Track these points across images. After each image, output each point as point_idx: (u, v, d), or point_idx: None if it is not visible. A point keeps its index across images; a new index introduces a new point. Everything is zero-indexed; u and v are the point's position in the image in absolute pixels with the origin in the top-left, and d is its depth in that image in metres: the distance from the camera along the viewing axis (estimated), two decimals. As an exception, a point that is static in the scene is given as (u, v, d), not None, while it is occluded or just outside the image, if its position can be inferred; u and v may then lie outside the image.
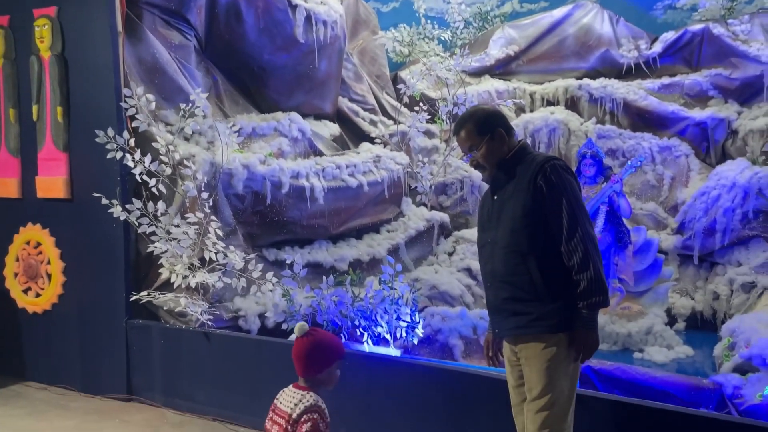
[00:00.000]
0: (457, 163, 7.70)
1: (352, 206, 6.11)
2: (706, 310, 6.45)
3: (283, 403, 2.37)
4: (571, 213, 2.49)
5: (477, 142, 2.66)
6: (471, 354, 4.63)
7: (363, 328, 4.56)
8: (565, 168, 2.57)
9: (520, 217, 2.54)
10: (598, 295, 2.46)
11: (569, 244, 2.48)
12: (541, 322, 2.51)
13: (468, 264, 6.41)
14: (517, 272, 2.56)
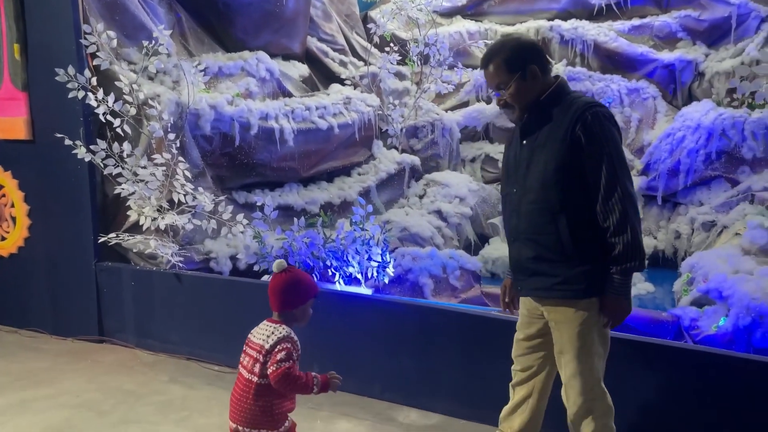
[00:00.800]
0: (428, 105, 7.67)
1: (322, 149, 6.06)
2: (667, 249, 6.67)
3: (256, 336, 2.41)
4: (611, 170, 2.23)
5: (506, 80, 2.37)
6: (440, 292, 4.73)
7: (335, 268, 4.60)
8: (608, 117, 2.29)
9: (553, 170, 2.30)
10: (634, 260, 2.24)
11: (606, 204, 2.24)
12: (566, 286, 2.32)
13: (438, 206, 6.47)
14: (544, 231, 2.34)
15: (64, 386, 3.90)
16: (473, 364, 3.47)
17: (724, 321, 3.90)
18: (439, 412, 3.55)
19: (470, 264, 4.95)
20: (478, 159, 7.97)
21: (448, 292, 4.74)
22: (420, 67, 7.79)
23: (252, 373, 2.32)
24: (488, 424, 3.38)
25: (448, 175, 6.99)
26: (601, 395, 2.42)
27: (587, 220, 2.29)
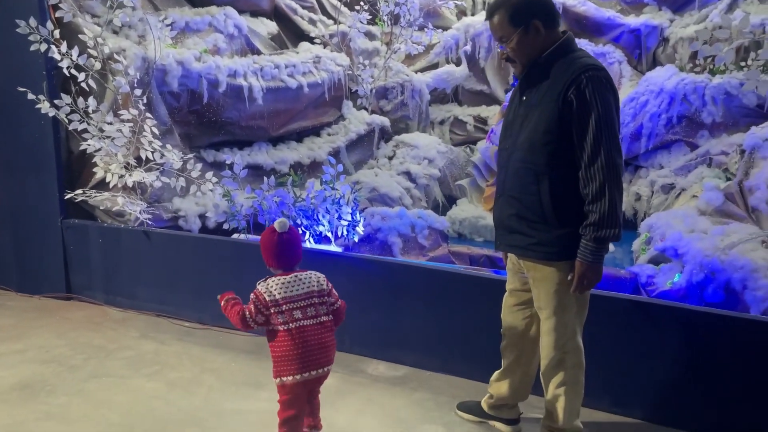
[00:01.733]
0: (398, 66, 7.65)
1: (291, 108, 6.03)
2: (628, 210, 6.86)
3: (307, 285, 2.47)
4: (597, 136, 2.18)
5: (508, 34, 2.32)
6: (409, 251, 4.82)
7: (305, 227, 4.64)
8: (605, 81, 2.21)
9: (542, 132, 2.27)
10: (609, 228, 2.21)
11: (588, 171, 2.21)
12: (541, 247, 2.36)
13: (407, 168, 6.53)
14: (527, 191, 2.35)
15: (33, 342, 3.90)
16: (440, 318, 3.57)
17: (678, 277, 4.08)
18: (406, 364, 3.65)
19: (438, 224, 5.04)
20: (446, 121, 8.01)
21: (417, 250, 4.83)
22: (390, 27, 7.74)
23: (325, 315, 2.48)
24: (453, 375, 3.52)
25: (417, 137, 7.03)
26: (574, 350, 2.49)
27: (570, 185, 2.27)
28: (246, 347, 3.89)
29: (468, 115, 8.00)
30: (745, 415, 2.86)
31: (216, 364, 3.64)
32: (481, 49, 8.12)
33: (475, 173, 7.09)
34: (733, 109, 6.26)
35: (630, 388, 3.08)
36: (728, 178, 5.84)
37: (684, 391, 2.96)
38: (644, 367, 3.03)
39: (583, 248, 2.27)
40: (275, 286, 2.42)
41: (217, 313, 4.17)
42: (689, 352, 2.93)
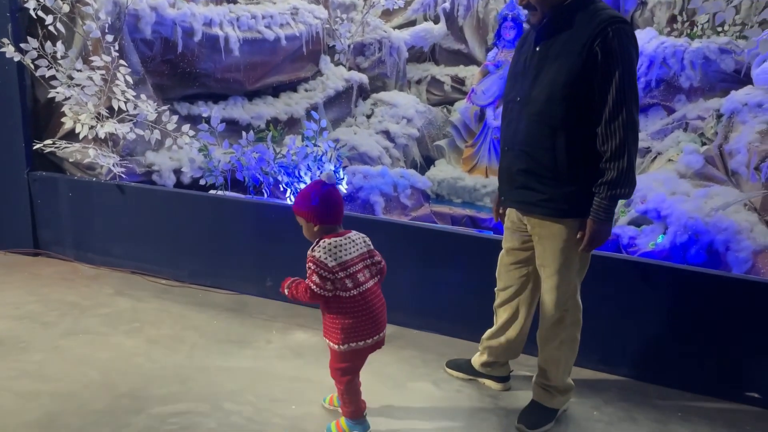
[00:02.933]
0: (376, 22, 7.45)
1: (268, 61, 5.82)
2: (604, 174, 6.89)
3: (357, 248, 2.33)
4: (621, 92, 2.11)
5: None
6: (391, 210, 4.76)
7: (286, 184, 4.52)
8: (630, 35, 2.14)
9: (563, 85, 2.18)
10: (625, 187, 2.17)
11: (608, 127, 2.14)
12: (552, 204, 2.29)
13: (386, 126, 6.41)
14: (540, 145, 2.26)
15: (2, 298, 3.73)
16: (427, 277, 3.54)
17: (662, 239, 4.12)
18: (394, 323, 3.61)
19: (420, 183, 4.98)
20: (423, 81, 7.88)
21: (399, 210, 4.77)
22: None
23: (377, 275, 2.39)
24: (441, 334, 3.51)
25: (395, 95, 6.90)
26: (573, 307, 2.48)
27: (586, 141, 2.20)
28: (227, 305, 3.81)
29: (445, 75, 7.88)
30: (727, 371, 2.92)
31: (197, 322, 3.55)
32: (460, 6, 7.97)
33: (453, 134, 7.02)
34: (710, 74, 6.30)
35: (617, 346, 3.11)
36: (703, 143, 5.91)
37: (669, 348, 3.01)
38: (630, 325, 3.05)
39: (597, 206, 2.21)
40: (333, 250, 2.24)
41: (195, 269, 4.09)
42: (675, 310, 2.96)
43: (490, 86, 6.52)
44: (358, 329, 2.30)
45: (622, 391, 2.99)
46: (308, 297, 2.26)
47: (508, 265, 2.67)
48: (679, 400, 2.93)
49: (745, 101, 4.95)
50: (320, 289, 2.23)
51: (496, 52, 6.74)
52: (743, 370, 2.89)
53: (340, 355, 2.35)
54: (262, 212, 3.89)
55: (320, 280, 2.22)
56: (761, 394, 2.87)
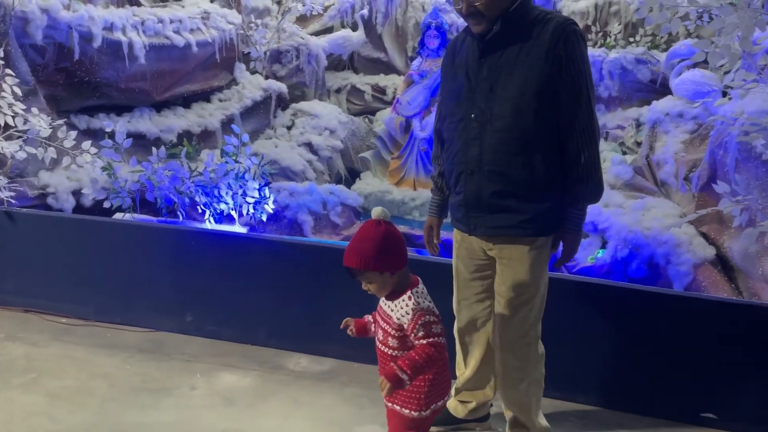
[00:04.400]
0: (292, 28, 7.14)
1: (178, 69, 5.40)
2: (529, 184, 6.92)
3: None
4: (588, 98, 2.00)
5: None
6: (321, 230, 4.47)
7: (204, 205, 4.13)
8: (584, 38, 2.07)
9: (532, 94, 2.01)
10: (598, 196, 2.11)
11: (581, 137, 2.02)
12: (532, 224, 2.10)
13: (308, 138, 6.12)
14: (514, 163, 2.06)
15: None
16: (367, 303, 3.27)
17: (602, 253, 4.08)
18: (332, 357, 3.33)
19: (351, 200, 4.73)
20: (343, 90, 7.64)
21: (329, 229, 4.49)
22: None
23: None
24: (385, 366, 3.25)
25: (316, 106, 6.62)
26: (536, 339, 2.28)
27: (557, 152, 2.07)
28: (141, 345, 3.38)
29: (366, 84, 7.67)
30: (682, 393, 2.85)
31: (106, 368, 3.10)
32: (378, 14, 7.78)
33: (379, 145, 6.81)
34: (627, 84, 6.45)
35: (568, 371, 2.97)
36: (624, 152, 6.01)
37: (622, 372, 2.90)
38: (580, 348, 2.93)
39: (574, 218, 2.12)
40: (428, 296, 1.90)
41: (102, 305, 3.62)
42: (626, 331, 2.87)
43: (415, 96, 6.37)
44: (442, 384, 1.91)
45: (579, 420, 2.84)
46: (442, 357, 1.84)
47: (469, 298, 2.40)
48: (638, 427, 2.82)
49: (666, 111, 5.05)
50: (443, 337, 1.83)
51: (420, 61, 6.61)
52: (698, 391, 2.82)
53: (416, 421, 1.92)
54: (180, 238, 3.51)
55: (441, 330, 1.83)
56: (717, 414, 2.81)
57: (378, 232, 1.84)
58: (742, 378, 2.73)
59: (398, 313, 1.88)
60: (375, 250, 1.82)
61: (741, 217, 3.45)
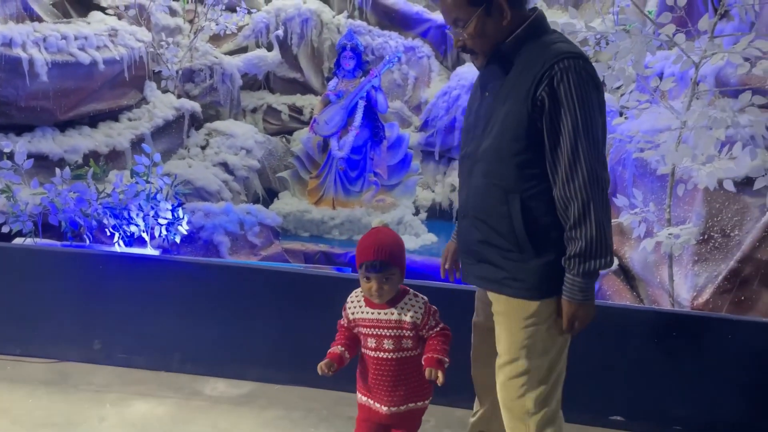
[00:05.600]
0: (205, 47, 7.02)
1: (84, 87, 5.18)
2: (444, 201, 7.10)
3: None
4: (575, 145, 1.70)
5: (465, 16, 1.80)
6: (238, 251, 4.38)
7: (113, 227, 3.96)
8: (585, 73, 1.71)
9: (510, 140, 1.78)
10: (599, 258, 1.74)
11: (566, 189, 1.74)
12: (516, 283, 1.85)
13: (224, 158, 6.01)
14: (495, 212, 1.84)
15: None
16: (284, 324, 3.24)
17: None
18: (250, 380, 3.25)
19: (269, 219, 4.68)
20: (259, 109, 7.57)
21: (247, 249, 4.41)
22: (194, 4, 7.07)
23: None
24: (306, 386, 3.21)
25: (232, 125, 6.52)
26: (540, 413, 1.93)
27: (548, 203, 1.81)
28: (44, 377, 3.18)
29: (282, 104, 7.64)
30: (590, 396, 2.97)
31: (6, 403, 2.90)
32: (294, 35, 7.79)
33: (297, 164, 6.77)
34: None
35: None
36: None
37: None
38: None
39: (569, 285, 1.78)
40: None
41: (1, 336, 3.38)
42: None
43: (332, 116, 6.40)
44: None
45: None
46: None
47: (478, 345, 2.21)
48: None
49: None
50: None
51: (336, 81, 6.66)
52: (605, 394, 2.95)
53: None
54: (86, 262, 3.34)
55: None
56: (624, 416, 2.95)
57: (395, 235, 2.02)
58: (643, 379, 2.89)
59: (410, 313, 2.00)
60: (401, 248, 1.99)
61: (639, 229, 3.68)
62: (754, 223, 3.35)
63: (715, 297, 3.36)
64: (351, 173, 6.41)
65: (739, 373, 2.87)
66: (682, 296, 3.49)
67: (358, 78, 6.49)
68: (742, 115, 2.99)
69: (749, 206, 3.41)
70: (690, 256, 3.54)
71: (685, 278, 3.54)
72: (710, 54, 3.11)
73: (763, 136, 3.04)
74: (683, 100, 3.30)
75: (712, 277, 3.43)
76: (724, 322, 2.91)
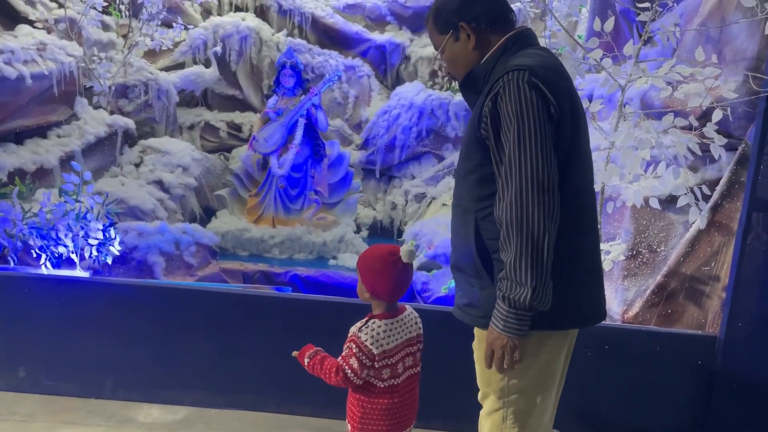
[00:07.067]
0: (140, 63, 6.84)
1: (10, 102, 4.94)
2: (385, 219, 7.12)
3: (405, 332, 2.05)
4: (509, 158, 1.60)
5: (438, 42, 1.86)
6: (174, 271, 4.25)
7: (40, 248, 3.78)
8: (526, 84, 1.60)
9: (463, 159, 1.79)
10: (519, 287, 1.58)
11: (497, 206, 1.64)
12: (472, 309, 1.79)
13: (159, 176, 5.83)
14: (458, 234, 1.81)
15: None
16: (222, 346, 3.16)
17: (454, 283, 4.26)
18: (186, 404, 3.16)
19: (206, 239, 4.56)
20: (196, 126, 7.41)
21: (183, 270, 4.29)
22: (128, 19, 6.90)
23: (419, 364, 2.14)
24: (244, 410, 3.13)
25: (167, 142, 6.34)
26: None
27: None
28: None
29: (220, 121, 7.51)
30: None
31: None
32: (232, 51, 7.69)
33: (235, 182, 6.65)
34: (471, 125, 6.89)
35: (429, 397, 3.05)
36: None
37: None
38: (441, 375, 3.03)
39: (495, 310, 1.66)
40: (382, 333, 1.98)
41: None
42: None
43: (272, 133, 6.33)
44: (381, 422, 2.01)
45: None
46: (336, 380, 1.99)
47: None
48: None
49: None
50: (356, 376, 1.97)
51: (276, 99, 6.60)
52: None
53: None
54: (9, 285, 3.18)
55: (359, 366, 1.96)
56: (558, 428, 3.01)
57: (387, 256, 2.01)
58: (578, 390, 2.96)
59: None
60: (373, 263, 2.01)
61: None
62: (678, 239, 3.51)
63: (643, 310, 3.49)
64: (291, 191, 6.35)
65: (667, 383, 2.99)
66: (614, 310, 3.60)
67: (298, 96, 6.47)
68: (665, 136, 3.13)
69: (674, 223, 3.57)
70: (620, 271, 3.67)
71: (615, 293, 3.66)
72: (635, 78, 3.26)
73: (684, 156, 3.19)
74: (611, 122, 3.44)
75: (640, 291, 3.56)
76: (652, 334, 3.03)
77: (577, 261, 1.76)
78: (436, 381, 3.02)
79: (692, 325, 3.31)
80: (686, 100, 3.21)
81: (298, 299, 3.24)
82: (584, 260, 1.80)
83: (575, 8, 3.58)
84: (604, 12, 3.94)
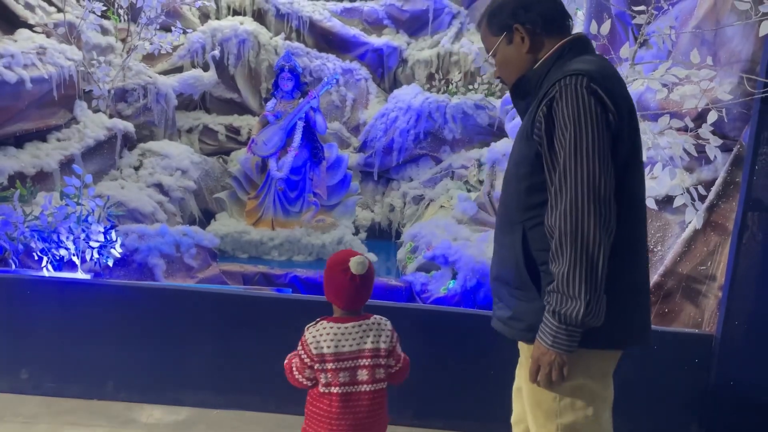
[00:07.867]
0: (139, 67, 6.87)
1: (9, 106, 4.96)
2: (383, 221, 7.15)
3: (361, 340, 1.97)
4: (563, 166, 1.55)
5: (490, 45, 1.81)
6: (174, 273, 4.27)
7: (41, 251, 3.80)
8: (585, 89, 1.55)
9: (515, 164, 1.72)
10: (570, 300, 1.52)
11: (549, 216, 1.59)
12: (516, 322, 1.72)
13: (158, 179, 5.86)
14: (503, 243, 1.75)
15: None
16: (224, 347, 3.19)
17: (453, 284, 4.29)
18: (188, 405, 3.19)
19: (207, 241, 4.58)
20: (195, 130, 7.44)
21: (183, 272, 4.31)
22: (127, 23, 6.92)
23: (379, 382, 1.99)
24: (246, 410, 3.16)
25: (166, 146, 6.37)
26: None
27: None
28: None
29: (219, 124, 7.53)
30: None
31: None
32: (230, 55, 7.73)
33: (234, 185, 6.68)
34: (468, 127, 6.94)
35: (429, 398, 3.08)
36: (468, 190, 6.43)
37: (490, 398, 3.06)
38: (443, 376, 3.05)
39: (542, 324, 1.61)
40: (326, 336, 1.95)
41: None
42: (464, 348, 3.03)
43: (271, 136, 6.36)
44: (317, 427, 1.97)
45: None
46: (290, 379, 2.02)
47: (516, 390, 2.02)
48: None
49: (504, 152, 5.49)
50: (299, 373, 1.99)
51: (274, 102, 6.63)
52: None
53: None
54: (12, 287, 3.21)
55: (300, 363, 1.98)
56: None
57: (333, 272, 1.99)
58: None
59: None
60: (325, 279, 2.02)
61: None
62: (675, 238, 3.55)
63: (641, 309, 3.51)
64: (290, 194, 6.38)
65: (664, 382, 3.02)
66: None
67: (297, 99, 6.50)
68: (661, 137, 3.17)
69: (670, 223, 3.60)
70: (617, 271, 3.69)
71: (613, 292, 3.68)
72: (631, 80, 3.29)
73: (680, 157, 3.23)
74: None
75: (638, 290, 3.58)
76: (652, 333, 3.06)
77: (630, 276, 1.67)
78: (436, 381, 3.05)
79: (689, 324, 3.35)
80: (682, 101, 3.25)
81: (298, 300, 3.28)
82: (637, 276, 1.71)
83: (571, 11, 3.62)
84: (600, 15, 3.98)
